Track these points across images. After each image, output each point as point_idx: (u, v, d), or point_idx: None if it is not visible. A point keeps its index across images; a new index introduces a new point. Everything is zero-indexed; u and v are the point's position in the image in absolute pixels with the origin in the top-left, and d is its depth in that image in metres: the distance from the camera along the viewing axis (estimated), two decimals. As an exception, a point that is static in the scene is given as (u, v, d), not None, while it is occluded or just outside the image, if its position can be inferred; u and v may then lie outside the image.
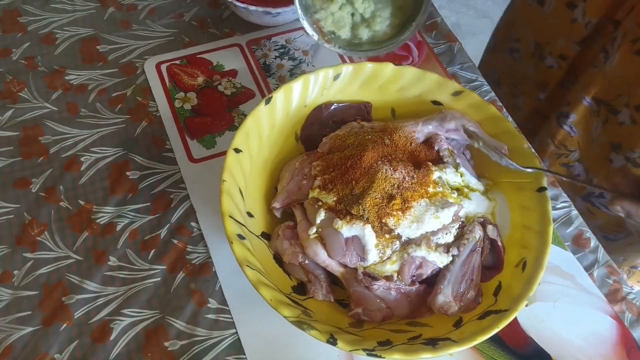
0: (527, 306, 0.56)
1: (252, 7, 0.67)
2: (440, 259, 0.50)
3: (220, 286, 0.56)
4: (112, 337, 0.53)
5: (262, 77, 0.71)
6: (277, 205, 0.54)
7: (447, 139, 0.56)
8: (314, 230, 0.50)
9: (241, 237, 0.47)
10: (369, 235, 0.49)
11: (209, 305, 0.55)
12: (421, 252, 0.50)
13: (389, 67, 0.57)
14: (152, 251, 0.58)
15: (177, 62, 0.71)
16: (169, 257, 0.57)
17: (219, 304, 0.55)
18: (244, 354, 0.53)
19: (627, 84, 0.65)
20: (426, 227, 0.50)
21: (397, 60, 0.74)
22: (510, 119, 0.67)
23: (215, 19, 0.75)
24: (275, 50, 0.73)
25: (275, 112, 0.55)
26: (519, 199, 0.54)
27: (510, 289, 0.49)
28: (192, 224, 0.59)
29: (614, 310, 0.57)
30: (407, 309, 0.51)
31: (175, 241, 0.58)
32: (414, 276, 0.50)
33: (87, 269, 0.56)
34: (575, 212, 0.63)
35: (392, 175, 0.50)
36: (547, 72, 0.78)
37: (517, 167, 0.53)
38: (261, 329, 0.54)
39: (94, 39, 0.72)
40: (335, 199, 0.51)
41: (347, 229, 0.49)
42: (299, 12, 0.60)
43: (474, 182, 0.55)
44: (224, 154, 0.51)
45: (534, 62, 0.80)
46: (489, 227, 0.53)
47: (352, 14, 0.62)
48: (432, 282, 0.51)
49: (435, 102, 0.59)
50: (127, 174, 0.62)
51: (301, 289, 0.51)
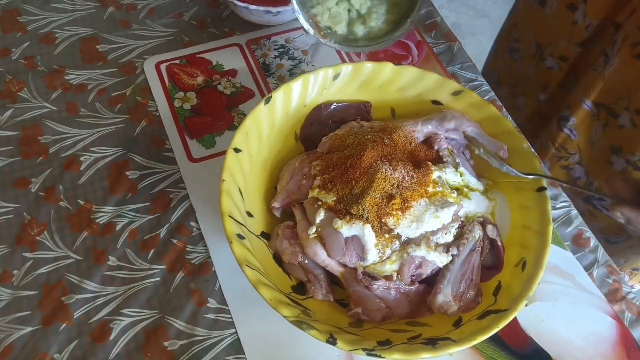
0: (526, 306, 0.56)
1: (253, 7, 0.67)
2: (439, 259, 0.50)
3: (219, 286, 0.56)
4: (111, 337, 0.53)
5: (262, 76, 0.71)
6: (276, 204, 0.54)
7: (446, 138, 0.56)
8: (314, 229, 0.50)
9: (241, 236, 0.47)
10: (369, 234, 0.49)
11: (208, 305, 0.55)
12: (421, 252, 0.50)
13: (388, 67, 0.57)
14: (152, 251, 0.58)
15: (177, 61, 0.71)
16: (168, 257, 0.57)
17: (219, 303, 0.55)
18: (244, 354, 0.53)
19: (627, 87, 0.65)
20: (426, 227, 0.50)
21: (397, 59, 0.73)
22: (510, 118, 0.67)
23: (214, 19, 0.75)
24: (274, 49, 0.73)
25: (274, 112, 0.55)
26: (519, 198, 0.54)
27: (509, 289, 0.49)
28: (192, 223, 0.59)
29: (614, 309, 0.57)
30: (406, 308, 0.51)
31: (174, 241, 0.58)
32: (414, 276, 0.50)
33: (87, 269, 0.56)
34: (575, 211, 0.63)
35: (391, 174, 0.50)
36: (547, 73, 0.78)
37: (517, 173, 0.53)
38: (261, 329, 0.54)
39: (93, 39, 0.72)
40: (334, 198, 0.51)
41: (346, 229, 0.49)
42: (295, 6, 0.60)
43: (473, 181, 0.55)
44: (224, 153, 0.51)
45: (534, 63, 0.80)
46: (489, 227, 0.53)
47: (349, 10, 0.62)
48: (432, 281, 0.51)
49: (435, 102, 0.59)
50: (127, 173, 0.62)
51: (301, 288, 0.51)
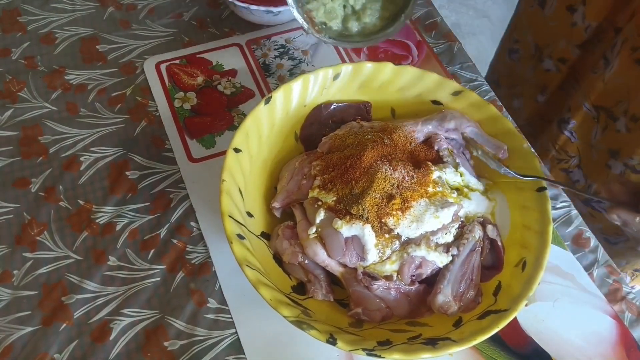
0: (526, 306, 0.56)
1: (253, 7, 0.67)
2: (440, 259, 0.50)
3: (219, 286, 0.56)
4: (111, 337, 0.53)
5: (262, 76, 0.71)
6: (276, 205, 0.54)
7: (446, 138, 0.56)
8: (314, 230, 0.50)
9: (241, 236, 0.47)
10: (369, 235, 0.49)
11: (208, 305, 0.55)
12: (421, 252, 0.50)
13: (388, 67, 0.57)
14: (152, 251, 0.58)
15: (177, 61, 0.71)
16: (168, 257, 0.57)
17: (219, 303, 0.55)
18: (244, 354, 0.53)
19: (627, 90, 0.65)
20: (426, 227, 0.50)
21: (397, 59, 0.73)
22: (510, 118, 0.67)
23: (214, 19, 0.75)
24: (274, 49, 0.73)
25: (274, 112, 0.55)
26: (519, 198, 0.54)
27: (510, 289, 0.49)
28: (192, 223, 0.59)
29: (614, 309, 0.57)
30: (406, 308, 0.51)
31: (174, 241, 0.58)
32: (414, 276, 0.50)
33: (87, 269, 0.56)
34: (575, 211, 0.63)
35: (391, 175, 0.50)
36: (545, 75, 0.78)
37: (515, 175, 0.53)
38: (261, 329, 0.54)
39: (93, 39, 0.72)
40: (334, 198, 0.51)
41: (346, 229, 0.49)
42: (290, 0, 0.60)
43: (473, 181, 0.55)
44: (224, 153, 0.51)
45: (532, 64, 0.80)
46: (489, 227, 0.53)
47: (344, 6, 0.62)
48: (432, 281, 0.51)
49: (435, 102, 0.59)
50: (127, 173, 0.62)
51: (301, 288, 0.51)
